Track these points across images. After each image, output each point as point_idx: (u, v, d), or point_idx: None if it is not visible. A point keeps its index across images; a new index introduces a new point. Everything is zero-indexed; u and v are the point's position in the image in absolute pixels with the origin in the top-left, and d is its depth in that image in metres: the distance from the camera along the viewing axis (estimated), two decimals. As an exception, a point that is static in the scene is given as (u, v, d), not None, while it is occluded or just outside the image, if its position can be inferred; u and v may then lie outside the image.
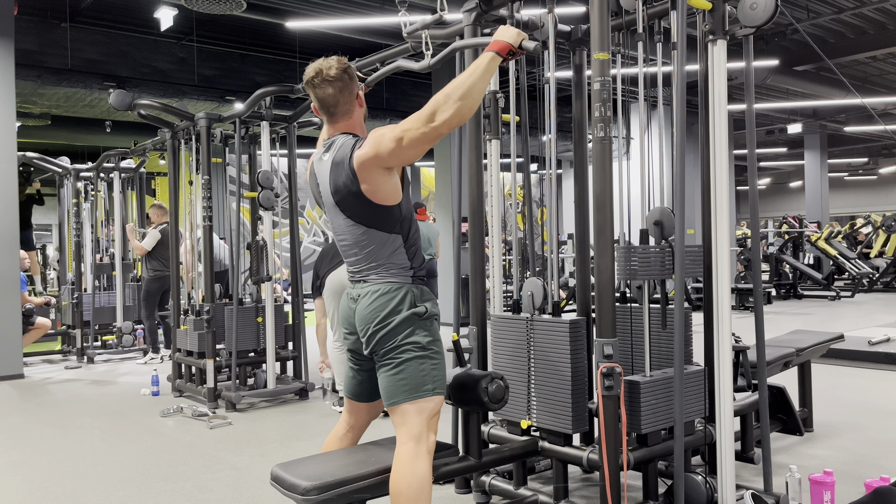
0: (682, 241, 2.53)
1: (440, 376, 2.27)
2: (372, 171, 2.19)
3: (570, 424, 2.77)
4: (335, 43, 10.25)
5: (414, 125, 2.12)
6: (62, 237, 8.86)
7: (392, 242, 2.27)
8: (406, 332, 2.22)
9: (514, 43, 2.22)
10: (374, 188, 2.21)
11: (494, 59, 2.19)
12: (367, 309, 2.25)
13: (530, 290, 2.96)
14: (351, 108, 2.33)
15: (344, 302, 2.39)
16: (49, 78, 9.12)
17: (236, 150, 5.57)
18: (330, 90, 2.28)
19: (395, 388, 2.23)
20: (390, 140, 2.13)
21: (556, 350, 2.82)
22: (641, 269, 2.70)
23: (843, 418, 4.40)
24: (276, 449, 4.13)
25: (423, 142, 2.13)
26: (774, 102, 14.38)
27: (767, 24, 2.58)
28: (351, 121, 2.34)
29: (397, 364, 2.22)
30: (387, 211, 2.25)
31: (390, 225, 2.27)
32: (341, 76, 2.28)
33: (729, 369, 2.66)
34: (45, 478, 3.71)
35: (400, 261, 2.28)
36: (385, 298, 2.24)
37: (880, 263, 14.51)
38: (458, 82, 2.12)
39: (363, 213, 2.25)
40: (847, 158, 23.37)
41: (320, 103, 2.32)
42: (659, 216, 2.78)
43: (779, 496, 2.80)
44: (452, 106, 2.09)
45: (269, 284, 5.27)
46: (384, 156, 2.15)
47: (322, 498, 2.07)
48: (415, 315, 2.23)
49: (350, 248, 2.34)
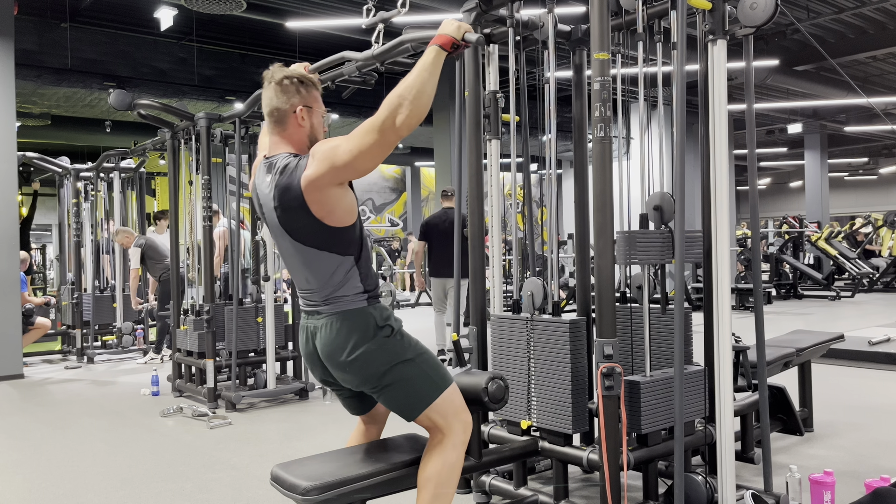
0: (681, 226, 2.50)
1: (437, 371, 2.22)
2: (325, 190, 2.06)
3: (570, 424, 2.77)
4: (335, 43, 10.25)
5: (370, 132, 2.00)
6: (62, 237, 8.85)
7: (345, 265, 2.15)
8: (383, 358, 2.14)
9: (457, 36, 2.15)
10: (328, 209, 2.09)
11: (439, 54, 2.11)
12: (331, 345, 2.15)
13: (530, 290, 2.96)
14: (285, 118, 2.18)
15: (301, 338, 2.29)
16: (49, 78, 9.13)
17: (236, 150, 5.57)
18: (270, 92, 2.18)
19: (403, 406, 2.20)
20: (346, 152, 2.01)
21: (556, 350, 2.82)
22: (641, 253, 2.69)
23: (843, 418, 4.40)
24: (276, 449, 4.13)
25: (383, 147, 2.02)
26: (774, 102, 14.39)
27: (767, 23, 2.58)
28: (286, 134, 2.20)
29: (392, 388, 2.17)
30: (340, 233, 2.14)
31: (343, 247, 2.15)
32: (283, 81, 2.16)
33: (729, 369, 2.65)
34: (45, 478, 3.71)
35: (354, 285, 2.16)
36: (346, 329, 2.13)
37: (880, 263, 14.51)
38: (408, 83, 2.04)
39: (314, 237, 2.13)
40: (847, 158, 23.37)
41: (264, 103, 2.22)
42: (659, 201, 2.78)
43: (779, 496, 2.80)
44: (408, 107, 2.00)
45: (269, 284, 5.27)
46: (340, 168, 2.03)
47: (322, 498, 2.06)
48: (383, 338, 2.15)
49: (299, 271, 2.22)
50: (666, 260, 2.75)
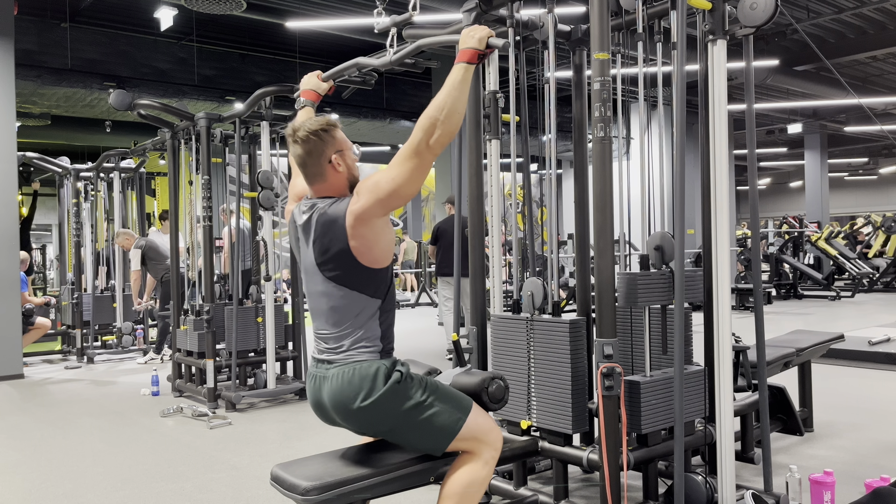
0: (681, 266, 2.55)
1: (454, 402, 2.22)
2: (370, 222, 2.11)
3: (570, 424, 2.77)
4: (335, 43, 10.25)
5: (408, 158, 2.06)
6: (62, 237, 8.85)
7: (369, 308, 2.18)
8: (396, 404, 2.14)
9: (481, 47, 2.19)
10: (370, 244, 2.13)
11: (468, 70, 2.15)
12: (340, 394, 2.15)
13: (530, 290, 2.96)
14: (322, 172, 2.21)
15: (309, 385, 2.30)
16: (49, 78, 9.13)
17: (236, 150, 5.57)
18: (299, 150, 2.20)
19: (428, 446, 2.21)
20: (388, 181, 2.07)
21: (556, 350, 2.82)
22: (643, 295, 2.71)
23: (843, 418, 4.40)
24: (276, 449, 4.13)
25: (422, 169, 2.08)
26: (774, 102, 14.39)
27: (767, 24, 2.58)
28: (326, 184, 2.22)
29: (412, 431, 2.18)
30: (374, 273, 2.17)
31: (373, 288, 2.18)
32: (308, 138, 2.17)
33: (729, 369, 2.66)
34: (45, 478, 3.71)
35: (372, 332, 2.19)
36: (357, 379, 2.13)
37: (880, 263, 14.51)
38: (439, 102, 2.08)
39: (347, 275, 2.16)
40: (847, 158, 23.37)
41: (295, 160, 2.25)
42: (659, 241, 2.81)
43: (779, 496, 2.80)
44: (441, 127, 2.05)
45: (269, 284, 5.27)
46: (385, 198, 2.08)
47: (322, 498, 2.06)
48: (394, 384, 2.14)
49: (322, 313, 2.24)
50: (667, 301, 2.78)
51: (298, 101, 2.75)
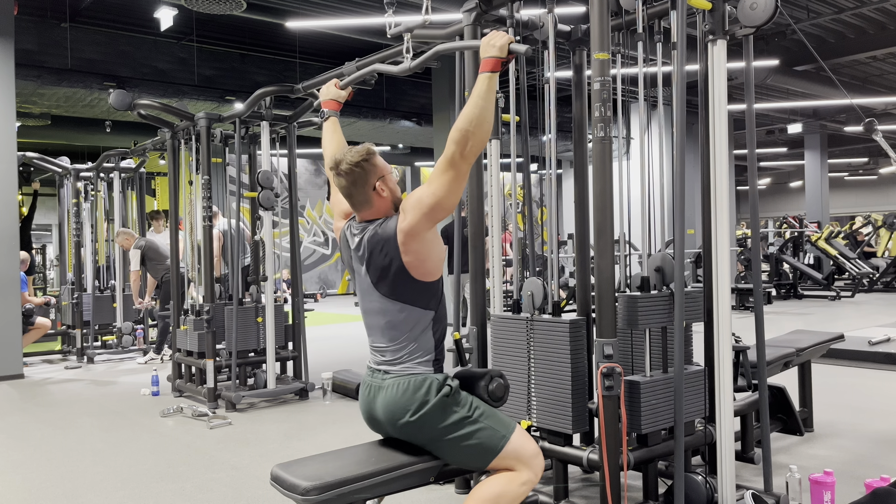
0: (681, 287, 2.55)
1: (498, 422, 2.27)
2: (420, 236, 2.20)
3: (570, 424, 2.77)
4: (335, 43, 10.25)
5: (445, 170, 2.15)
6: (62, 237, 8.85)
7: (423, 320, 2.27)
8: (444, 418, 2.23)
9: (502, 55, 2.23)
10: (422, 258, 2.22)
11: (492, 78, 2.20)
12: (394, 405, 2.25)
13: (530, 290, 2.96)
14: (368, 199, 2.30)
15: (363, 393, 2.38)
16: (49, 78, 9.12)
17: (236, 150, 5.57)
18: (343, 182, 2.30)
19: (472, 462, 2.27)
20: (430, 195, 2.16)
21: (556, 350, 2.82)
22: (643, 317, 2.72)
23: (843, 418, 4.40)
24: (276, 449, 4.13)
25: (459, 179, 2.16)
26: (774, 102, 14.38)
27: (767, 24, 2.58)
28: (373, 209, 2.32)
29: (455, 447, 2.24)
30: (426, 287, 2.27)
31: (426, 300, 2.28)
32: (351, 171, 2.26)
33: (729, 369, 2.66)
34: (45, 478, 3.71)
35: (426, 344, 2.28)
36: (411, 391, 2.23)
37: (880, 263, 14.51)
38: (468, 114, 2.15)
39: (401, 290, 2.25)
40: (847, 158, 23.36)
41: (340, 190, 2.35)
42: (660, 262, 2.81)
43: (779, 496, 2.80)
44: (472, 138, 2.14)
45: (269, 284, 5.27)
46: (429, 212, 2.16)
47: (322, 498, 2.06)
48: (443, 398, 2.23)
49: (377, 328, 2.34)
50: (668, 322, 2.78)
51: (322, 113, 2.80)
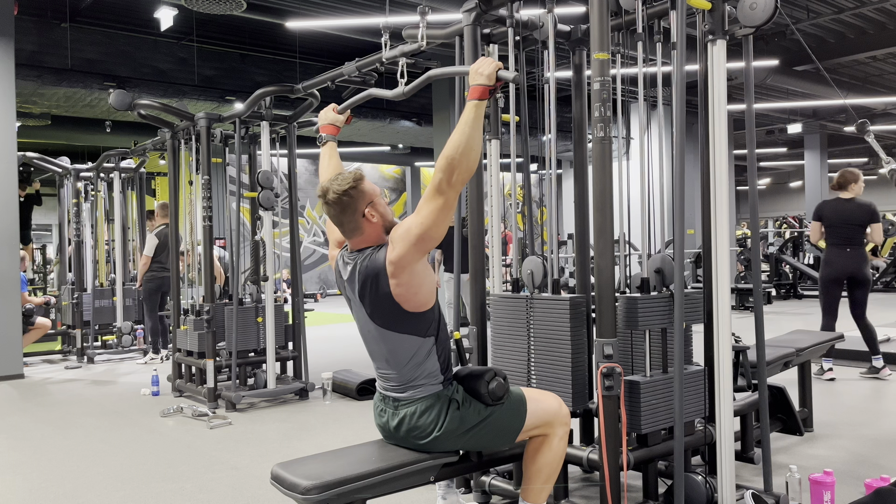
0: (681, 289, 2.56)
1: (511, 402, 2.37)
2: (410, 267, 2.19)
3: (570, 402, 2.76)
4: (335, 43, 10.25)
5: (432, 199, 2.15)
6: (62, 237, 8.85)
7: (425, 346, 2.29)
8: (462, 426, 2.30)
9: (490, 83, 2.23)
10: (413, 290, 2.22)
11: (479, 106, 2.19)
12: (413, 431, 2.30)
13: (530, 268, 2.95)
14: (358, 226, 2.30)
15: (377, 417, 2.42)
16: (49, 78, 9.12)
17: (236, 150, 5.57)
18: (332, 211, 2.31)
19: (499, 443, 2.42)
20: (417, 226, 2.15)
21: (556, 328, 2.81)
22: (643, 318, 2.72)
23: (843, 418, 4.40)
24: (276, 449, 4.13)
25: (447, 207, 2.15)
26: (774, 102, 14.38)
27: (767, 24, 2.58)
28: (364, 237, 2.32)
29: (481, 441, 2.37)
30: (419, 317, 2.27)
31: (423, 329, 2.29)
32: (339, 199, 2.27)
33: (729, 369, 2.66)
34: (45, 478, 3.71)
35: (431, 368, 2.31)
36: (434, 412, 2.29)
37: (880, 264, 14.49)
38: (454, 142, 2.14)
39: (396, 321, 2.27)
40: (847, 158, 23.35)
41: (330, 219, 2.36)
42: (660, 264, 2.81)
43: (779, 496, 2.80)
44: (458, 166, 2.13)
45: (269, 284, 5.27)
46: (417, 242, 2.16)
47: (322, 497, 2.07)
48: (455, 411, 2.30)
49: (380, 354, 2.37)
50: (668, 324, 2.78)
51: (320, 139, 2.82)
